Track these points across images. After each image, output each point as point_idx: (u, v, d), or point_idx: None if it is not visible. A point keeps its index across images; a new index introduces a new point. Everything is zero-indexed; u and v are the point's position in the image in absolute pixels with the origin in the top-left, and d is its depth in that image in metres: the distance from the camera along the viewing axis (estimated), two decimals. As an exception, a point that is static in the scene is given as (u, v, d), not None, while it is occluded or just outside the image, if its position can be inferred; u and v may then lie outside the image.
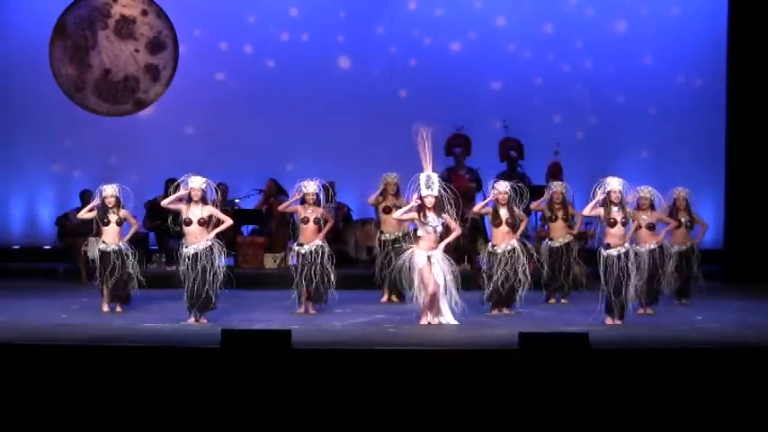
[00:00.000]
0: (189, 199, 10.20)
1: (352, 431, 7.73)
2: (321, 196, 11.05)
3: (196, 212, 10.16)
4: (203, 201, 10.20)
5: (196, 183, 10.20)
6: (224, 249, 10.26)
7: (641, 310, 10.95)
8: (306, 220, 10.95)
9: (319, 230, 10.96)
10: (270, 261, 14.71)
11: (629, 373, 7.92)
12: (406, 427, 7.72)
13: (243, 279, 13.43)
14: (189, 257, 10.07)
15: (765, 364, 8.01)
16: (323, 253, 10.88)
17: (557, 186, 12.19)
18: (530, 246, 11.68)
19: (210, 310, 10.17)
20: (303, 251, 10.95)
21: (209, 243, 10.10)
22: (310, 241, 10.93)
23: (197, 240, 10.11)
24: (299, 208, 11.06)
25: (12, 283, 13.65)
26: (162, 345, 8.62)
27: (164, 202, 10.40)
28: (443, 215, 10.00)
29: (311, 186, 10.98)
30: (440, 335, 9.57)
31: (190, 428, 7.68)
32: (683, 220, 11.70)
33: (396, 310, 10.82)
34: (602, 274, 10.07)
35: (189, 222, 10.15)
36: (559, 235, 12.05)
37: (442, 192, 10.04)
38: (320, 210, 11.00)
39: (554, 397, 7.42)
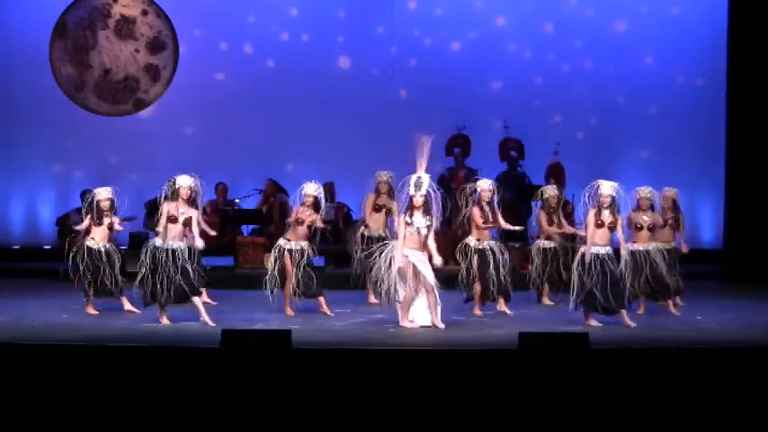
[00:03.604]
0: (176, 197, 10.22)
1: (352, 431, 7.73)
2: (321, 200, 11.02)
3: (182, 211, 10.18)
4: (191, 202, 10.22)
5: (185, 182, 10.23)
6: (195, 253, 10.22)
7: (641, 311, 10.96)
8: (300, 222, 10.94)
9: (309, 235, 10.97)
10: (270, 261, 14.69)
11: (629, 373, 7.93)
12: (406, 427, 7.72)
13: (243, 279, 13.46)
14: (166, 252, 10.05)
15: (765, 364, 8.02)
16: (309, 254, 10.90)
17: (550, 191, 12.13)
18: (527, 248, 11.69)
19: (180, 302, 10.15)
20: (289, 247, 10.93)
21: (185, 244, 10.12)
22: (299, 240, 10.93)
23: (174, 239, 10.11)
24: (300, 208, 11.03)
25: (12, 283, 13.64)
26: (162, 345, 8.63)
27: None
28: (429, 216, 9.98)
29: (308, 189, 10.97)
30: (439, 335, 9.57)
31: (190, 428, 7.69)
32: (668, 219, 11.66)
33: (395, 311, 10.80)
34: (577, 269, 10.09)
35: (174, 220, 10.15)
36: (555, 236, 12.01)
37: (432, 192, 10.01)
38: (314, 215, 10.96)
39: (554, 397, 7.42)
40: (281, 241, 10.99)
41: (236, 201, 15.66)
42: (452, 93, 16.19)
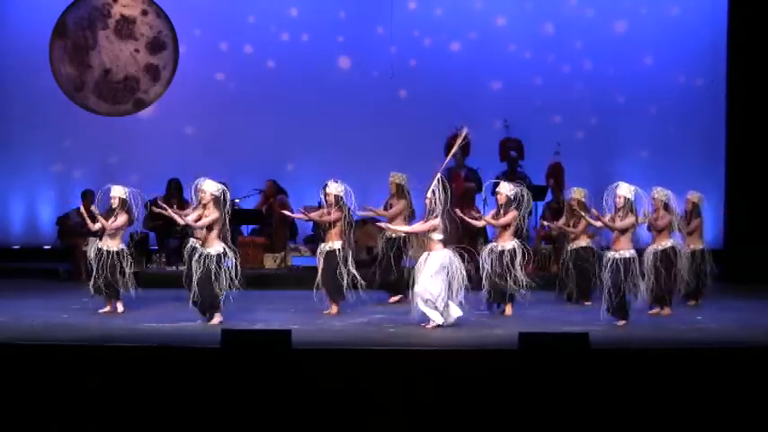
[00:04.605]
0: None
1: (351, 431, 7.73)
2: (343, 198, 11.02)
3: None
4: (210, 204, 10.20)
5: (207, 187, 10.23)
6: (229, 254, 10.26)
7: (653, 311, 10.94)
8: (320, 221, 11.04)
9: (340, 231, 10.95)
10: (270, 261, 14.70)
11: (629, 373, 7.93)
12: (406, 427, 7.72)
13: (243, 279, 13.44)
14: (196, 257, 10.16)
15: (765, 364, 8.02)
16: (338, 254, 10.89)
17: (574, 193, 12.08)
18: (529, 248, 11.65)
19: (210, 311, 10.16)
20: (322, 249, 10.99)
21: (215, 248, 10.12)
22: (328, 241, 10.97)
23: (201, 242, 10.21)
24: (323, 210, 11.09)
25: (12, 283, 13.64)
26: (162, 345, 8.63)
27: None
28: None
29: (329, 187, 11.00)
30: (439, 335, 9.57)
31: (190, 428, 7.69)
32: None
33: (396, 310, 10.81)
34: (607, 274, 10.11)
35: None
36: (581, 239, 11.95)
37: (434, 191, 10.01)
38: (335, 212, 10.97)
39: (554, 397, 7.43)
40: (322, 244, 11.05)
41: (236, 201, 15.65)
42: (452, 93, 16.19)
